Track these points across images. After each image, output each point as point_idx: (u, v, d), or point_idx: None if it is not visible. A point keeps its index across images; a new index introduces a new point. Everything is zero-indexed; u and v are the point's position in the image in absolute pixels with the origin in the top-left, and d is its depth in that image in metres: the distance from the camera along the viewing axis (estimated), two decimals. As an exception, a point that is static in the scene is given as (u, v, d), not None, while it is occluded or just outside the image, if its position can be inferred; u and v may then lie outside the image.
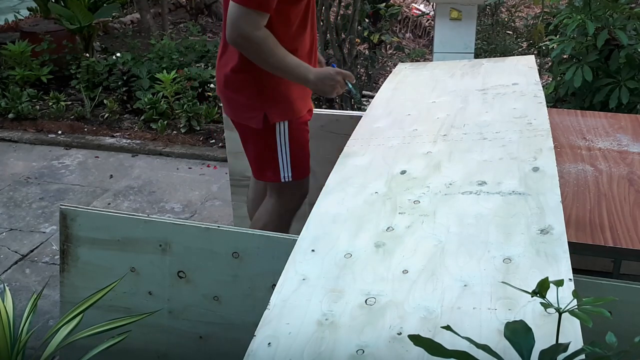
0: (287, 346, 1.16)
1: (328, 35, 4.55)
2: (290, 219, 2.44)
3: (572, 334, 1.09)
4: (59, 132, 4.53)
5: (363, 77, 5.25)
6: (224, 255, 1.86)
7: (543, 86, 2.55)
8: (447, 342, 0.94)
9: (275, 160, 2.30)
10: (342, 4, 4.86)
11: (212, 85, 4.78)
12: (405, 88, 2.41)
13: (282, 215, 2.41)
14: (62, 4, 5.79)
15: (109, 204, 3.63)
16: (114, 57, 5.10)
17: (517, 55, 4.49)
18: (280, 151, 2.30)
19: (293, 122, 2.27)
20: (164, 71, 4.67)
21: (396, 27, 6.65)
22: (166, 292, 1.93)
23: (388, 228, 1.47)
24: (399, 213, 1.52)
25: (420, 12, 6.77)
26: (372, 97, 2.70)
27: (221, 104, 3.01)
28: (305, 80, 2.15)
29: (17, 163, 4.16)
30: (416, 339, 0.90)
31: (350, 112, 3.53)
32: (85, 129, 4.57)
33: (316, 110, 2.91)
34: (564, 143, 2.34)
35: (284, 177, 2.33)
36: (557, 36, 3.84)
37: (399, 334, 1.16)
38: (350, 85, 2.23)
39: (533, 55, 2.64)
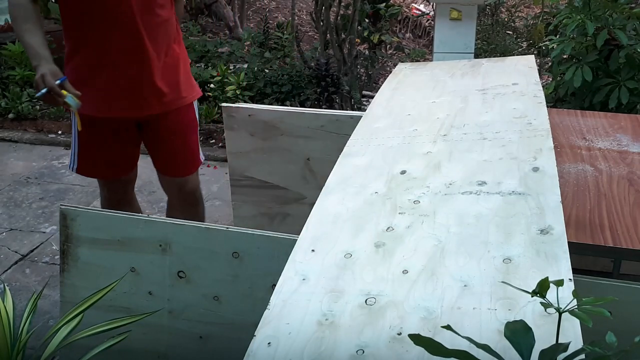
0: (287, 346, 1.16)
1: (328, 35, 4.55)
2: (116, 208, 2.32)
3: (572, 333, 1.09)
4: (59, 132, 4.53)
5: (363, 77, 5.25)
6: (224, 255, 1.85)
7: (543, 86, 2.55)
8: (447, 342, 0.93)
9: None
10: (342, 4, 4.86)
11: (212, 85, 4.77)
12: (405, 88, 2.41)
13: (105, 207, 2.47)
14: (62, 4, 5.78)
15: (109, 204, 3.63)
16: (114, 57, 5.09)
17: (517, 55, 4.49)
18: (73, 136, 2.35)
19: (82, 111, 2.13)
20: (164, 71, 4.66)
21: (396, 27, 6.65)
22: (166, 292, 1.93)
23: (388, 228, 1.47)
24: (399, 213, 1.52)
25: (420, 12, 6.77)
26: (372, 97, 2.70)
27: (221, 104, 3.00)
28: (33, 66, 2.00)
29: (17, 163, 4.16)
30: (417, 339, 0.90)
31: (350, 112, 3.53)
32: (85, 129, 4.57)
33: (316, 110, 2.91)
34: (564, 143, 2.34)
35: (70, 165, 2.40)
36: (557, 36, 3.84)
37: (399, 334, 1.16)
38: (69, 101, 2.01)
39: (533, 55, 2.64)
